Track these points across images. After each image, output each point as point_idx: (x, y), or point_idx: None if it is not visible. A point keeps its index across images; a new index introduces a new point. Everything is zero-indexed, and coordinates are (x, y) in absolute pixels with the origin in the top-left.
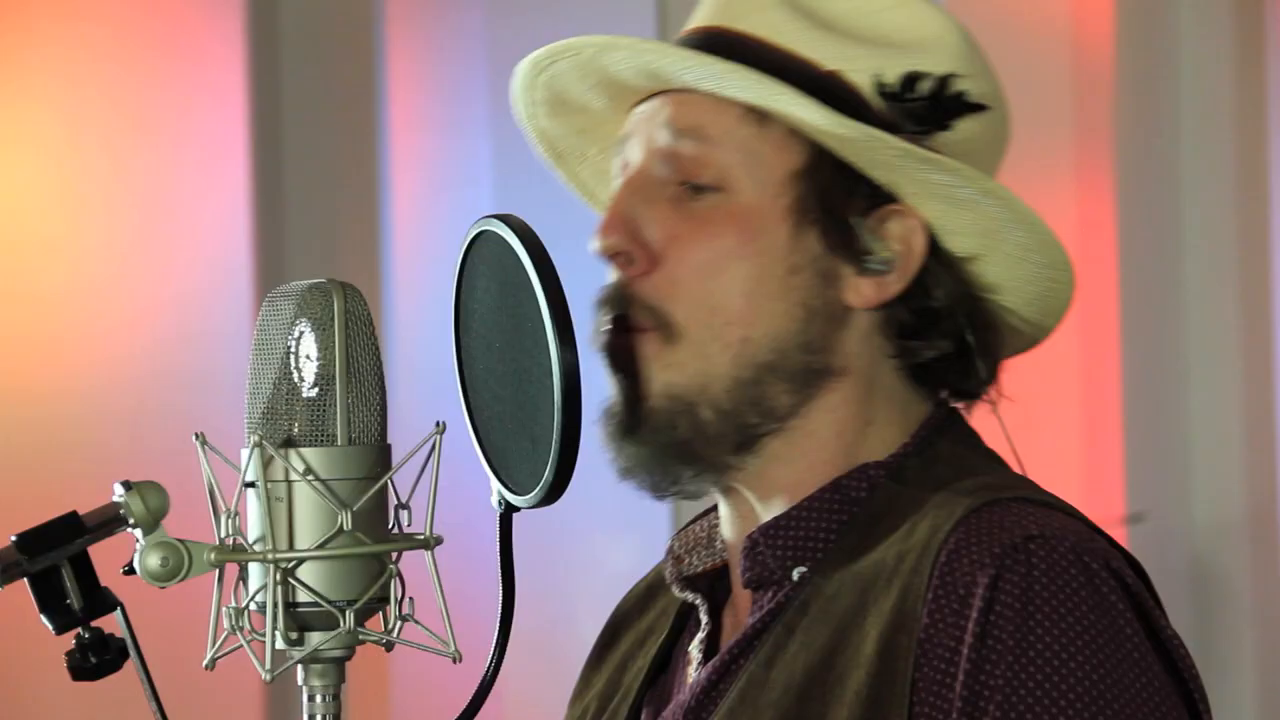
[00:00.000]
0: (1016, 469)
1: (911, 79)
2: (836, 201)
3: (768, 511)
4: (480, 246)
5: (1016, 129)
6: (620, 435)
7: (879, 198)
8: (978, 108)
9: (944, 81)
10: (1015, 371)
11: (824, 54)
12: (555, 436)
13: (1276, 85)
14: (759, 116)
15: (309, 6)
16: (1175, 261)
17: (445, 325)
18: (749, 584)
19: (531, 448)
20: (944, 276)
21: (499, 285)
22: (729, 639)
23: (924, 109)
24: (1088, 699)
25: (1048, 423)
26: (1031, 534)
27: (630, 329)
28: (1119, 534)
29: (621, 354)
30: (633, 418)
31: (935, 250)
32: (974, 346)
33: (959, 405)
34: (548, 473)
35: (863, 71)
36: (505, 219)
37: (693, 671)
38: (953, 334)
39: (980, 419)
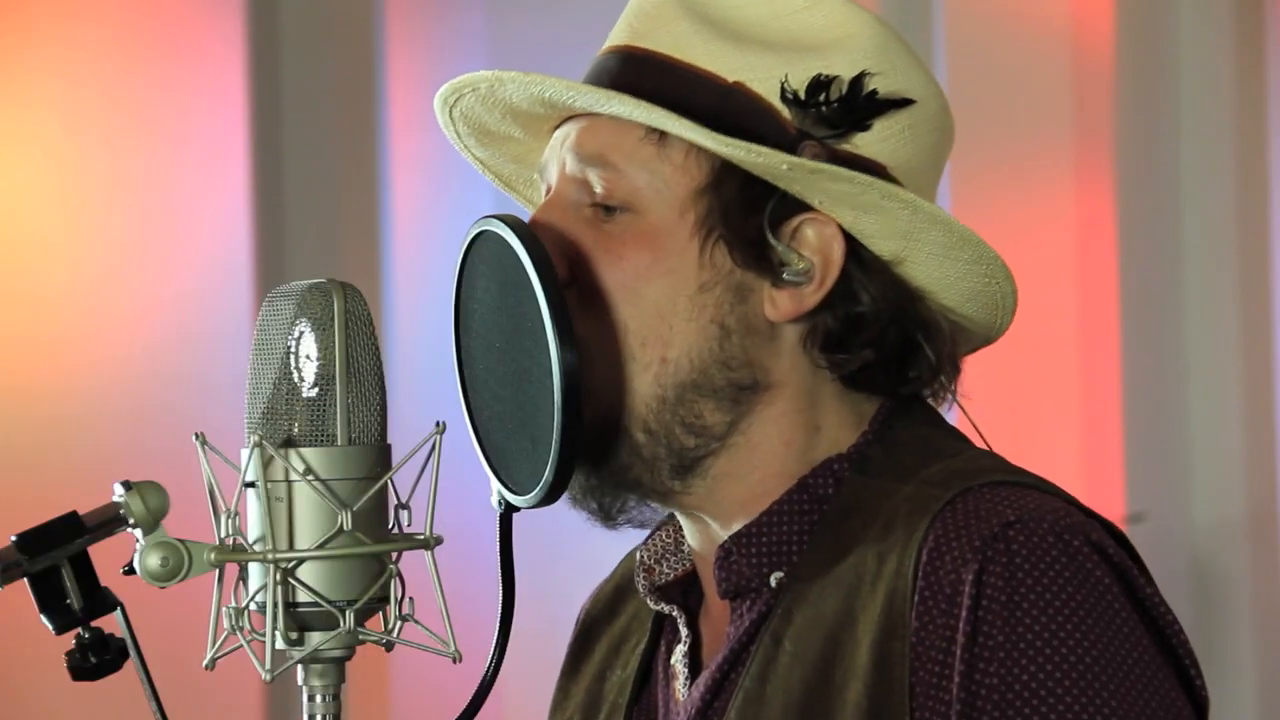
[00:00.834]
0: (982, 445)
1: (818, 83)
2: (741, 215)
3: (727, 529)
4: (480, 246)
5: (1017, 129)
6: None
7: (792, 206)
8: (891, 105)
9: (855, 82)
10: (1015, 371)
11: (728, 65)
12: (555, 436)
13: (1276, 85)
14: (659, 135)
15: (309, 6)
16: (1175, 261)
17: (445, 325)
18: (725, 594)
19: (531, 447)
20: (869, 281)
21: (499, 285)
22: (711, 650)
23: (834, 112)
24: (1082, 684)
25: (1048, 423)
26: (1009, 520)
27: None
28: None
29: None
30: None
31: (859, 256)
32: (911, 349)
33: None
34: (548, 472)
35: (768, 79)
36: (505, 219)
37: (680, 687)
38: (884, 339)
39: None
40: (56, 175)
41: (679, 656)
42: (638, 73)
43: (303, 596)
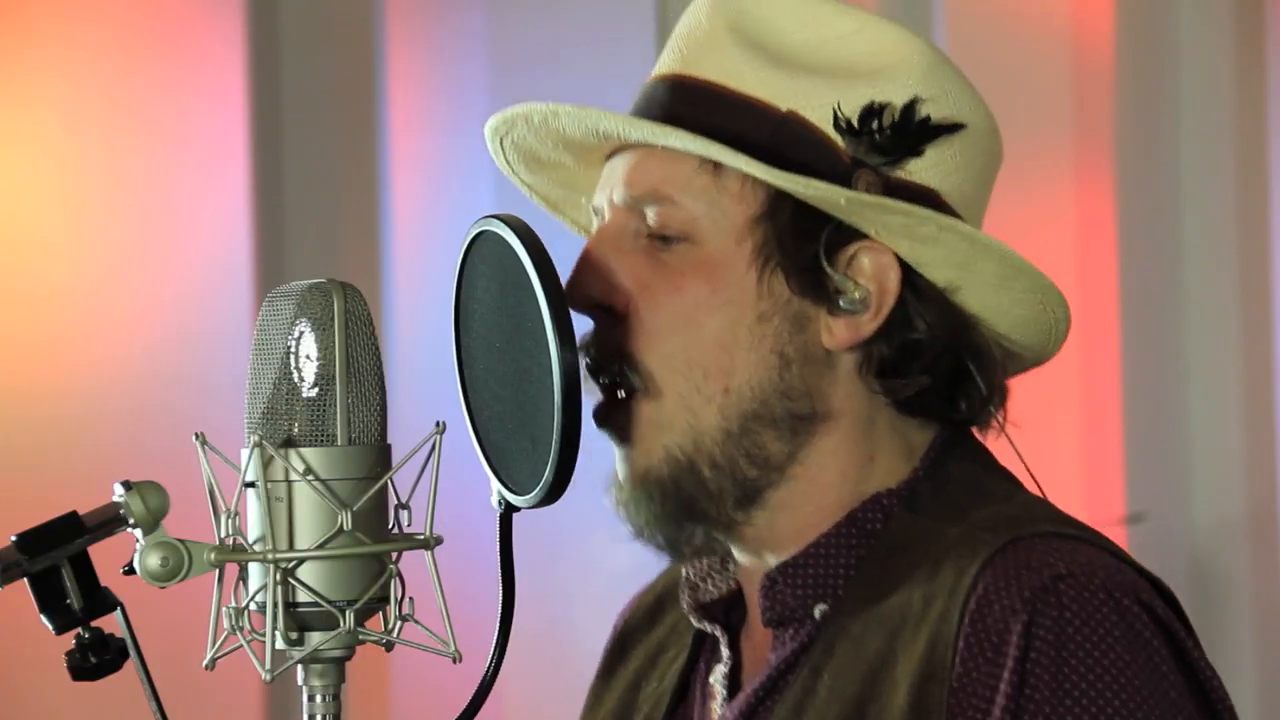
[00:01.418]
0: (1031, 488)
1: (870, 111)
2: (797, 244)
3: (778, 557)
4: (480, 246)
5: (1017, 129)
6: (628, 501)
7: (848, 235)
8: (944, 130)
9: (907, 109)
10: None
11: (780, 94)
12: (555, 436)
13: (1276, 85)
14: (714, 165)
15: (309, 6)
16: (1175, 261)
17: (445, 325)
18: (769, 623)
19: (531, 447)
20: (925, 308)
21: (499, 285)
22: (750, 673)
23: (888, 140)
24: None
25: (1048, 423)
26: (1060, 573)
27: (616, 390)
28: (1119, 534)
29: (617, 423)
30: (638, 483)
31: (914, 283)
32: (964, 375)
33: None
34: (548, 472)
35: (821, 107)
36: (505, 219)
37: (717, 708)
38: (939, 365)
39: (994, 440)
40: (56, 175)
41: (719, 677)
42: (690, 102)
43: (303, 596)
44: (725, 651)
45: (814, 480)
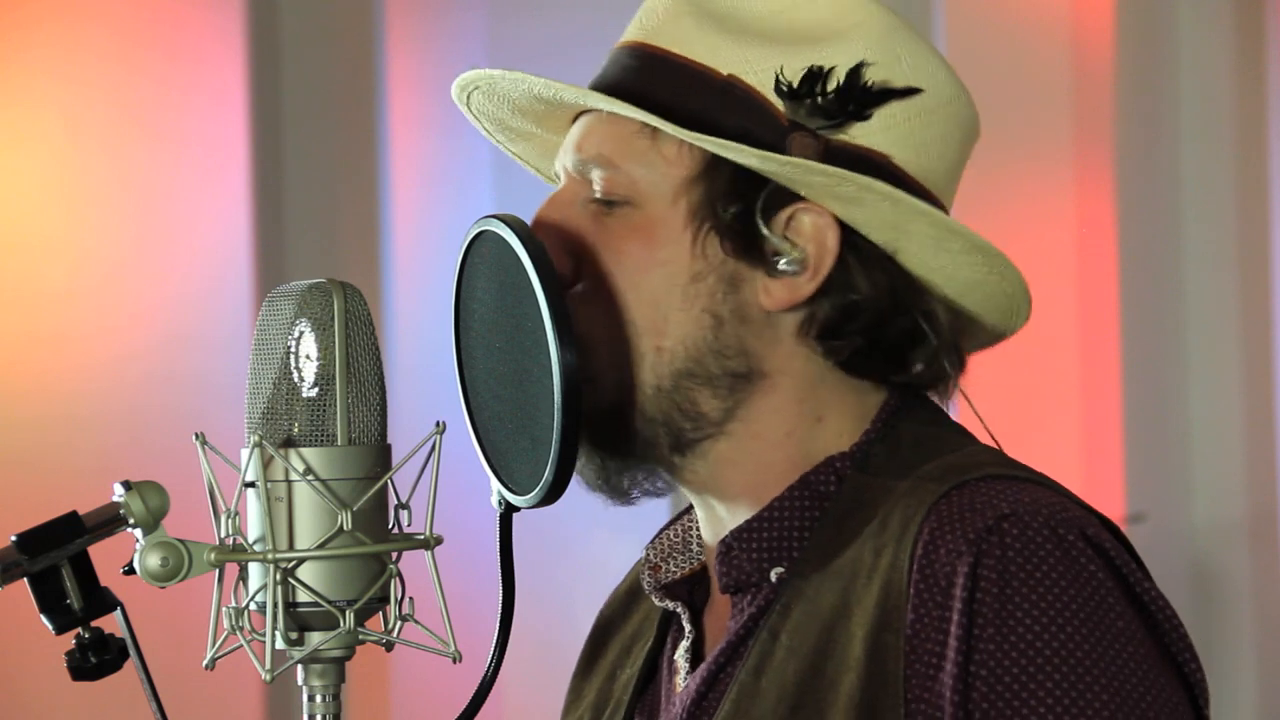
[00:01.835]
0: (988, 441)
1: (812, 74)
2: (731, 205)
3: (734, 516)
4: (479, 246)
5: (1017, 129)
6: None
7: (786, 197)
8: (891, 95)
9: (852, 73)
10: (1015, 371)
11: (725, 59)
12: (555, 436)
13: (1276, 85)
14: (652, 130)
15: (309, 6)
16: (1175, 261)
17: (445, 325)
18: (726, 588)
19: (531, 447)
20: (867, 270)
21: (498, 285)
22: (713, 645)
23: (829, 103)
24: (1073, 677)
25: (1048, 423)
26: (1003, 513)
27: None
28: None
29: None
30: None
31: (856, 245)
32: (913, 339)
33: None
34: (547, 472)
35: (763, 71)
36: (504, 219)
37: (681, 681)
38: (883, 327)
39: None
40: (57, 175)
41: (681, 651)
42: (637, 69)
43: (303, 596)
44: (687, 626)
45: (756, 436)
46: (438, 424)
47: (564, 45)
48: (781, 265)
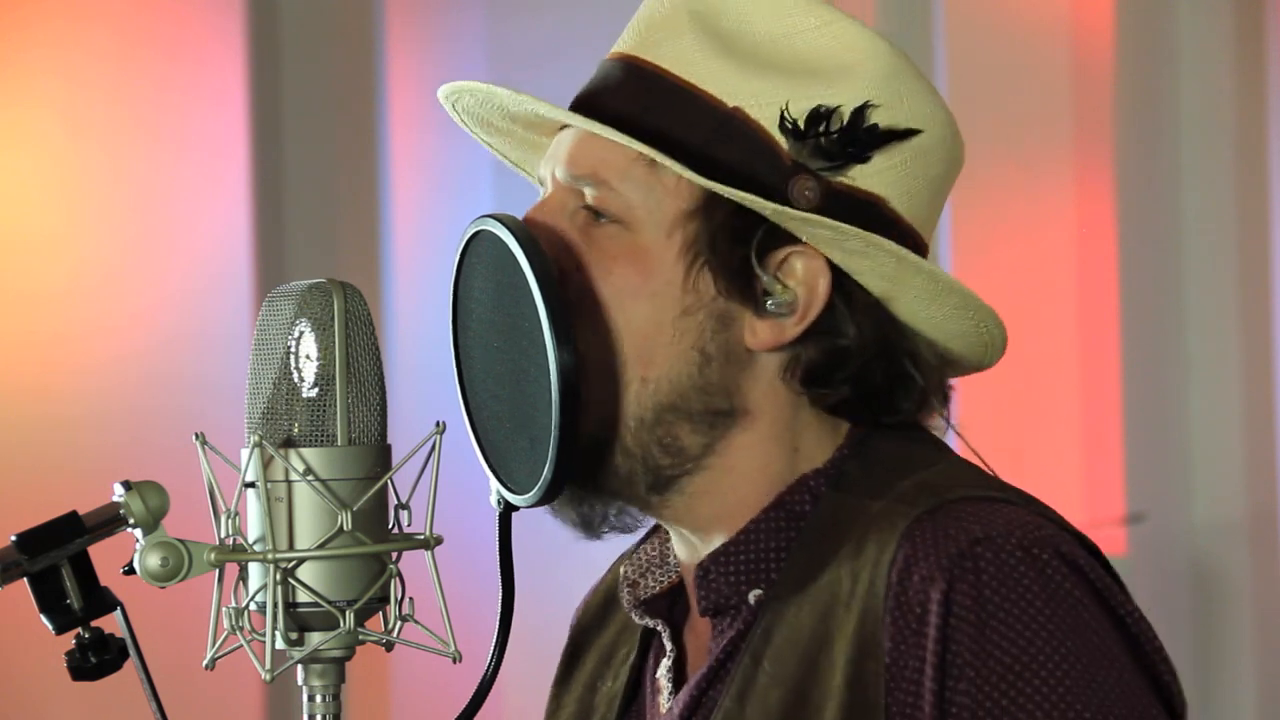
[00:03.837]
0: (969, 456)
1: (818, 114)
2: (728, 244)
3: (708, 544)
4: (477, 246)
5: (1017, 129)
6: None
7: (782, 238)
8: (893, 138)
9: (856, 114)
10: (1015, 372)
11: (729, 88)
12: (553, 435)
13: (1276, 85)
14: (650, 158)
15: (309, 6)
16: (1175, 261)
17: (445, 325)
18: (705, 611)
19: (530, 447)
20: (856, 316)
21: (496, 285)
22: (695, 664)
23: (832, 144)
24: (1054, 698)
25: (1048, 423)
26: (976, 537)
27: None
28: (1118, 534)
29: None
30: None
31: (846, 291)
32: (896, 382)
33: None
34: (546, 472)
35: (769, 105)
36: (501, 219)
37: (664, 701)
38: (866, 373)
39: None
40: (56, 175)
41: (664, 670)
42: (636, 90)
43: (303, 596)
44: (669, 645)
45: (732, 470)
46: (438, 424)
47: (564, 45)
48: (769, 305)
